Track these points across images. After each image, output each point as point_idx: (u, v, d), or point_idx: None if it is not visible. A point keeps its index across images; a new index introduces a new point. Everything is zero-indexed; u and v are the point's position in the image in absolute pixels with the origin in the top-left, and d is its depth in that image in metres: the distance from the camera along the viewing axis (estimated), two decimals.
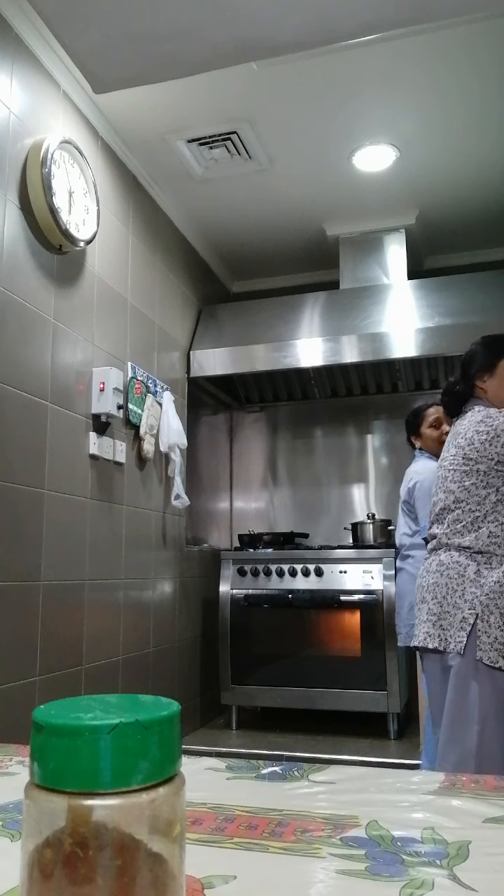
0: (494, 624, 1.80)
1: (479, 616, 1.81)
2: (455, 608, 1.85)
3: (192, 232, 3.84)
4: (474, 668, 1.79)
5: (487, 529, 1.86)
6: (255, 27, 2.15)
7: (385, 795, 0.67)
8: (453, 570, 1.88)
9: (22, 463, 2.24)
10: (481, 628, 1.80)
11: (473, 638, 1.80)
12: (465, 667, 1.81)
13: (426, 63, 2.65)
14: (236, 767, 0.78)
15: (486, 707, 1.77)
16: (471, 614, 1.82)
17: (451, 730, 1.82)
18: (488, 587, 1.82)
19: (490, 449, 1.90)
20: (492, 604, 1.80)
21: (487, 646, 1.78)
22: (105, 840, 0.30)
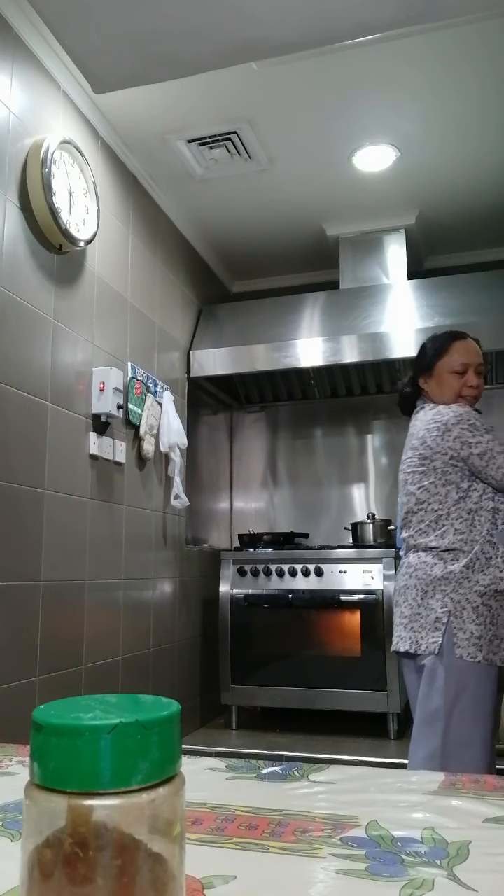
0: (468, 619, 1.80)
1: (451, 613, 1.81)
2: (427, 609, 1.84)
3: (192, 232, 3.84)
4: (447, 665, 1.79)
5: (452, 527, 1.86)
6: (255, 27, 2.15)
7: (385, 795, 0.67)
8: (421, 571, 1.88)
9: (22, 463, 2.24)
10: (456, 626, 1.80)
11: (449, 637, 1.80)
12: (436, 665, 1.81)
13: (426, 63, 2.65)
14: (236, 767, 0.78)
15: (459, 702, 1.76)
16: (444, 613, 1.81)
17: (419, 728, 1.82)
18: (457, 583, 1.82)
19: (443, 444, 1.90)
20: (463, 599, 1.80)
21: (465, 642, 1.78)
22: (105, 840, 0.30)
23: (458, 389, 2.00)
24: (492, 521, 1.86)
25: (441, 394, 2.01)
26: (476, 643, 1.78)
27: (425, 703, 1.82)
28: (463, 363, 2.01)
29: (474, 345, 2.07)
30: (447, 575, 1.84)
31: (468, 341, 2.06)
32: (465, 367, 2.00)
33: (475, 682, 1.78)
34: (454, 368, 2.01)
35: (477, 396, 2.04)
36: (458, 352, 2.03)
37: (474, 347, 2.06)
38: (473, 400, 2.02)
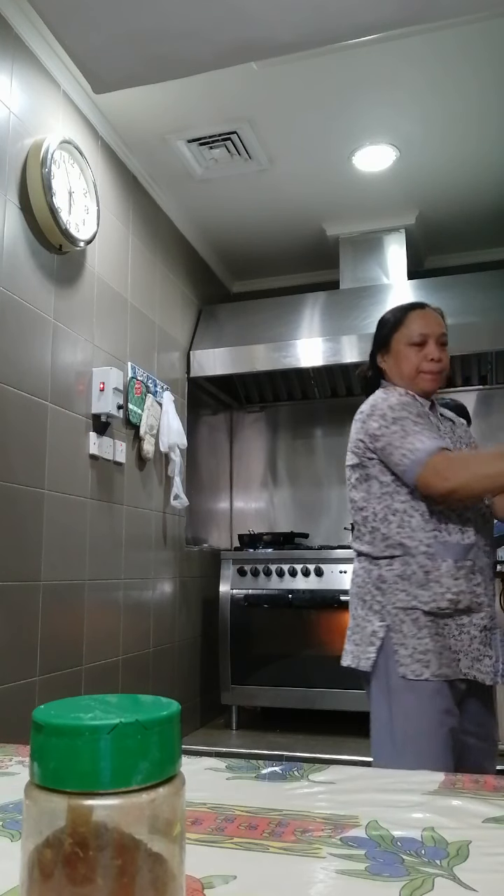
0: (409, 633, 1.58)
1: (390, 628, 1.60)
2: (365, 620, 1.65)
3: (192, 232, 3.84)
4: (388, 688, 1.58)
5: (379, 531, 1.65)
6: (255, 27, 2.15)
7: (385, 795, 0.67)
8: (360, 579, 1.69)
9: (22, 463, 2.24)
10: (396, 640, 1.59)
11: (387, 654, 1.60)
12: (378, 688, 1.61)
13: (426, 63, 2.65)
14: (236, 767, 0.78)
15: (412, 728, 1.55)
16: (381, 627, 1.61)
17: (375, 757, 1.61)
18: (393, 594, 1.61)
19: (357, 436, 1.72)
20: (402, 613, 1.59)
21: (407, 658, 1.57)
22: (105, 840, 0.30)
23: (417, 364, 1.73)
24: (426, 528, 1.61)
25: (399, 371, 1.76)
26: (421, 659, 1.56)
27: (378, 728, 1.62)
28: (421, 333, 1.74)
29: (435, 314, 1.81)
30: (382, 585, 1.63)
31: (427, 310, 1.81)
32: (423, 338, 1.74)
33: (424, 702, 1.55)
34: (412, 340, 1.74)
35: (440, 371, 1.75)
36: (416, 322, 1.77)
37: (435, 317, 1.79)
38: (435, 375, 1.74)
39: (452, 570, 1.58)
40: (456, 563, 1.59)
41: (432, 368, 1.73)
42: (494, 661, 1.61)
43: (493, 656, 1.61)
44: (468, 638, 1.59)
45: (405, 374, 1.75)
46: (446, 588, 1.58)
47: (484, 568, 1.64)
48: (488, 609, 1.62)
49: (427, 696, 1.55)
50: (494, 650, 1.61)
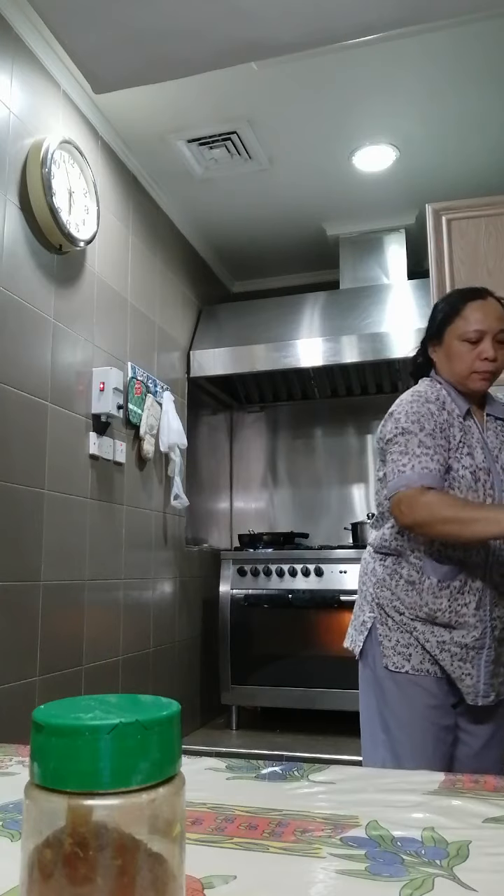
0: (393, 627, 1.59)
1: (377, 620, 1.61)
2: (360, 609, 1.67)
3: (192, 232, 3.84)
4: (375, 676, 1.60)
5: (385, 526, 1.64)
6: (255, 27, 2.15)
7: (385, 795, 0.67)
8: (362, 570, 1.71)
9: (22, 463, 2.24)
10: (382, 632, 1.60)
11: (374, 643, 1.61)
12: (366, 675, 1.63)
13: (426, 63, 2.65)
14: (236, 767, 0.78)
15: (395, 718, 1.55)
16: (370, 618, 1.62)
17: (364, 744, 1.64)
18: (383, 588, 1.61)
19: (380, 432, 1.64)
20: (389, 607, 1.59)
21: (390, 650, 1.58)
22: (105, 840, 0.30)
23: (469, 364, 1.58)
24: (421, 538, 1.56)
25: (451, 367, 1.62)
26: (403, 652, 1.57)
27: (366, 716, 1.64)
28: (477, 329, 1.58)
29: (496, 305, 1.63)
30: (374, 578, 1.63)
31: (488, 301, 1.63)
32: (479, 335, 1.58)
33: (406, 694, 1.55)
34: (466, 336, 1.59)
35: (495, 372, 1.60)
36: (473, 314, 1.60)
37: (495, 309, 1.62)
38: (489, 376, 1.59)
39: (434, 588, 1.54)
40: (440, 582, 1.54)
41: (486, 368, 1.59)
42: (475, 681, 1.53)
43: (475, 676, 1.53)
44: (448, 656, 1.54)
45: (456, 372, 1.62)
46: (426, 602, 1.55)
47: (481, 589, 1.54)
48: (475, 629, 1.53)
49: (409, 688, 1.55)
50: (477, 670, 1.53)
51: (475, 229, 3.25)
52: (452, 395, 1.62)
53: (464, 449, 1.56)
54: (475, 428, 1.61)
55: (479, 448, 1.58)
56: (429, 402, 1.58)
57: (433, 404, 1.58)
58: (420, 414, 1.56)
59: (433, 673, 1.55)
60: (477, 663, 1.53)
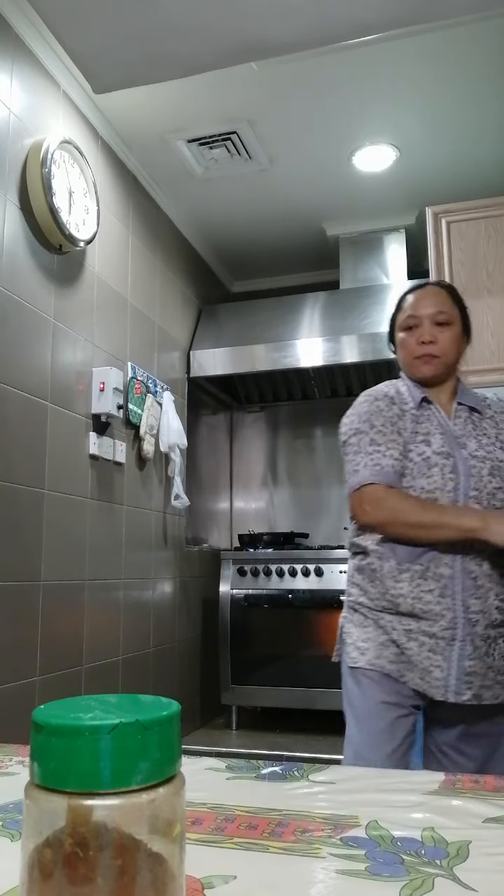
0: (357, 623, 1.58)
1: (345, 618, 1.62)
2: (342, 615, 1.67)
3: (192, 232, 3.84)
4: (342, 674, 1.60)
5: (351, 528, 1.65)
6: (255, 27, 2.15)
7: (385, 795, 0.67)
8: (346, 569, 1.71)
9: (22, 463, 2.24)
10: (347, 630, 1.60)
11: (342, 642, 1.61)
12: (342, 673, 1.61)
13: (426, 63, 2.65)
14: (236, 767, 0.78)
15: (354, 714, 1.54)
16: (343, 619, 1.63)
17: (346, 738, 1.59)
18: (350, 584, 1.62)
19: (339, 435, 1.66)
20: (356, 602, 1.59)
21: (350, 646, 1.57)
22: (105, 840, 0.30)
23: (411, 349, 1.60)
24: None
25: (402, 359, 1.65)
26: (360, 647, 1.54)
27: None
28: (411, 315, 1.60)
29: (433, 291, 1.64)
30: (349, 579, 1.64)
31: (426, 289, 1.65)
32: (415, 321, 1.59)
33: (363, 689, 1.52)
34: (404, 324, 1.61)
35: (438, 355, 1.58)
36: (409, 304, 1.63)
37: (431, 294, 1.63)
38: (432, 359, 1.58)
39: (394, 571, 1.50)
40: (399, 565, 1.50)
41: (425, 351, 1.58)
42: (446, 674, 1.45)
43: (445, 669, 1.45)
44: (416, 645, 1.47)
45: (404, 362, 1.64)
46: (387, 588, 1.51)
47: (446, 576, 1.47)
48: (442, 618, 1.46)
49: (364, 683, 1.52)
50: (448, 663, 1.45)
51: (475, 231, 3.25)
52: (410, 387, 1.63)
53: (418, 437, 1.54)
54: (436, 415, 1.58)
55: (438, 434, 1.54)
56: (377, 399, 1.59)
57: (381, 401, 1.59)
58: (370, 413, 1.57)
59: (390, 671, 1.50)
60: (448, 655, 1.45)
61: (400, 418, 1.56)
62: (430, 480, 1.50)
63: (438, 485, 1.49)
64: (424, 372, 1.60)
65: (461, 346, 1.64)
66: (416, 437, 1.54)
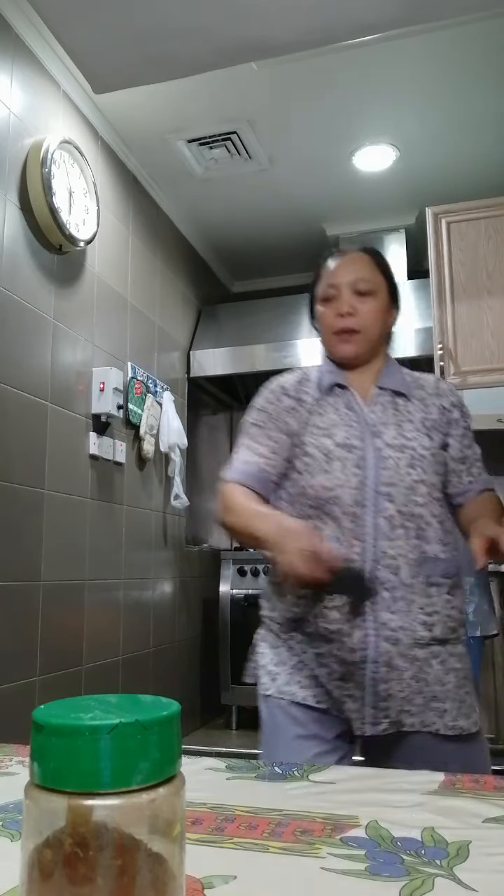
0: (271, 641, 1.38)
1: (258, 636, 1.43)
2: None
3: (192, 232, 3.84)
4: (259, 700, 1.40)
5: None
6: (255, 27, 2.15)
7: (385, 795, 0.67)
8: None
9: (22, 463, 2.24)
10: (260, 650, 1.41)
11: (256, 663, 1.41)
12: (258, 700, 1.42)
13: (426, 63, 2.65)
14: (236, 767, 0.78)
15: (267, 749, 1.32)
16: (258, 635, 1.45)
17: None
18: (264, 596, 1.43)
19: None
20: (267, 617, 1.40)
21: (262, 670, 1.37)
22: (105, 840, 0.30)
23: (329, 324, 1.40)
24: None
25: (322, 341, 1.46)
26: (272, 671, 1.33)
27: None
28: (329, 285, 1.39)
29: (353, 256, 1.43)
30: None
31: (346, 255, 1.44)
32: (333, 291, 1.38)
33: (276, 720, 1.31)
34: (322, 295, 1.41)
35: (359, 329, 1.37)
36: (326, 273, 1.42)
37: (350, 260, 1.42)
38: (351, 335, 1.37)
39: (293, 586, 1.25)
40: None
41: (343, 325, 1.36)
42: (359, 704, 1.24)
43: (358, 698, 1.24)
44: (326, 673, 1.27)
45: (323, 341, 1.45)
46: (287, 607, 1.32)
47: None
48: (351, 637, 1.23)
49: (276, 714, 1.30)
50: (361, 690, 1.23)
51: (475, 231, 3.25)
52: (324, 371, 1.43)
53: (317, 429, 1.35)
54: (347, 402, 1.37)
55: (344, 425, 1.33)
56: (270, 391, 1.43)
57: (273, 393, 1.42)
58: (256, 407, 1.42)
59: (305, 699, 1.28)
60: (360, 681, 1.23)
61: (291, 412, 1.38)
62: (329, 477, 1.29)
63: (339, 481, 1.28)
64: (344, 351, 1.39)
65: (387, 319, 1.44)
66: (314, 430, 1.35)
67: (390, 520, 1.26)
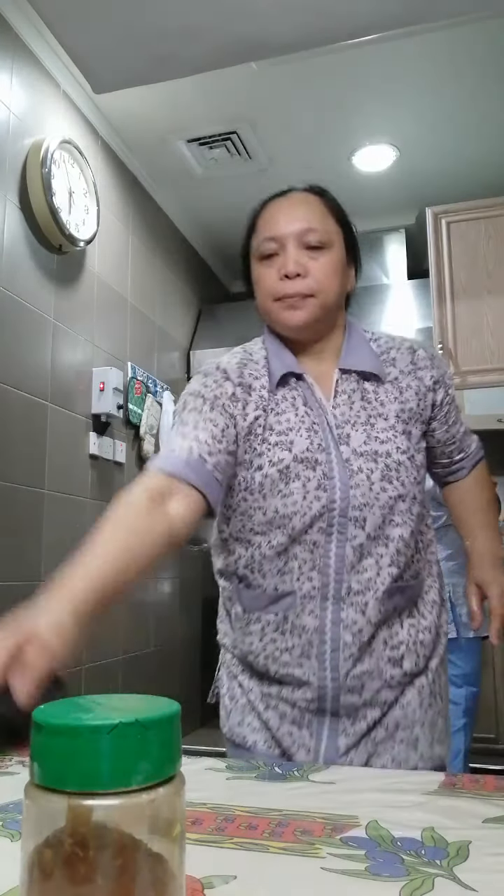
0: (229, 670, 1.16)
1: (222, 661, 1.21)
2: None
3: (192, 232, 3.84)
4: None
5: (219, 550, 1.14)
6: (255, 27, 2.15)
7: (385, 795, 0.67)
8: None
9: (22, 463, 2.24)
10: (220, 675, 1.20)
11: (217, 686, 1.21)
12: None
13: (426, 63, 2.65)
14: (236, 767, 0.78)
15: None
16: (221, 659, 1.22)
17: None
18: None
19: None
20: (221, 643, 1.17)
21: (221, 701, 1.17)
22: (105, 840, 0.30)
23: (269, 288, 1.06)
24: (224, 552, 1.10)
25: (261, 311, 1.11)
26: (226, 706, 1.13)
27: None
28: (269, 237, 1.07)
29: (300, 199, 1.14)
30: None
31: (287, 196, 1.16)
32: (273, 248, 1.06)
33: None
34: (260, 251, 1.08)
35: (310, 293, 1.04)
36: (264, 222, 1.11)
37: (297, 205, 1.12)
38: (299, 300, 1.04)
39: (241, 620, 1.07)
40: (245, 612, 1.07)
41: (290, 290, 1.03)
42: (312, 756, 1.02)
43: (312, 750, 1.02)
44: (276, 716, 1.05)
45: (263, 312, 1.10)
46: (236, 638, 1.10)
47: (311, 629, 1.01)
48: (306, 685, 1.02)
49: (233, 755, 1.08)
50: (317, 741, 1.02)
51: (475, 231, 3.25)
52: (271, 353, 1.11)
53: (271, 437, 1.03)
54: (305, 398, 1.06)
55: (305, 430, 1.03)
56: (208, 375, 1.10)
57: (211, 376, 1.09)
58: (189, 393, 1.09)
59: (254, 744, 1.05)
60: (318, 732, 1.02)
61: (235, 402, 1.05)
62: (286, 501, 1.01)
63: (298, 507, 1.00)
64: (291, 320, 1.05)
65: (345, 279, 1.14)
66: (269, 436, 1.04)
67: (359, 548, 1.00)
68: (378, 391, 1.08)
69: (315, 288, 1.05)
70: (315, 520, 1.00)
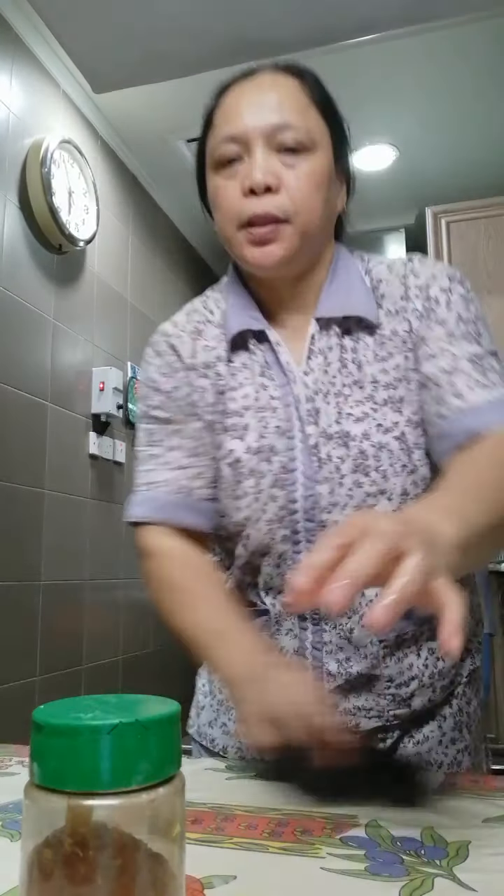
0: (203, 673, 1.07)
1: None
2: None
3: (192, 232, 3.84)
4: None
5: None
6: (255, 27, 2.15)
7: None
8: None
9: (22, 463, 2.24)
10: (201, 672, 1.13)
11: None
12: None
13: (426, 63, 2.65)
14: (236, 767, 0.78)
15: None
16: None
17: None
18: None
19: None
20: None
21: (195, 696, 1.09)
22: (105, 840, 0.30)
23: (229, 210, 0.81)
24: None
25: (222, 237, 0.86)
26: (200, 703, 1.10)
27: None
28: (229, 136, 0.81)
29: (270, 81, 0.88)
30: None
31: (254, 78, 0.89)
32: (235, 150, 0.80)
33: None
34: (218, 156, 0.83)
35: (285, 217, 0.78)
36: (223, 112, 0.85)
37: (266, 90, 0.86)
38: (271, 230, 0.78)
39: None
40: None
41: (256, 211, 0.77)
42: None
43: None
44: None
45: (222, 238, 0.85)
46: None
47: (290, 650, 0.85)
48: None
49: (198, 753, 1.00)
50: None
51: (474, 231, 3.25)
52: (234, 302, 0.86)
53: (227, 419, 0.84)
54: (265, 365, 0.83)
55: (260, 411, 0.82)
56: (159, 354, 0.91)
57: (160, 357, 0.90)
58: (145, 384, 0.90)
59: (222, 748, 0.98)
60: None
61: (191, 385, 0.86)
62: (238, 505, 0.82)
63: (251, 511, 0.81)
64: (259, 260, 0.79)
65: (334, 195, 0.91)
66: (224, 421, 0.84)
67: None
68: (358, 347, 0.81)
69: (291, 209, 0.77)
70: (273, 526, 0.80)
